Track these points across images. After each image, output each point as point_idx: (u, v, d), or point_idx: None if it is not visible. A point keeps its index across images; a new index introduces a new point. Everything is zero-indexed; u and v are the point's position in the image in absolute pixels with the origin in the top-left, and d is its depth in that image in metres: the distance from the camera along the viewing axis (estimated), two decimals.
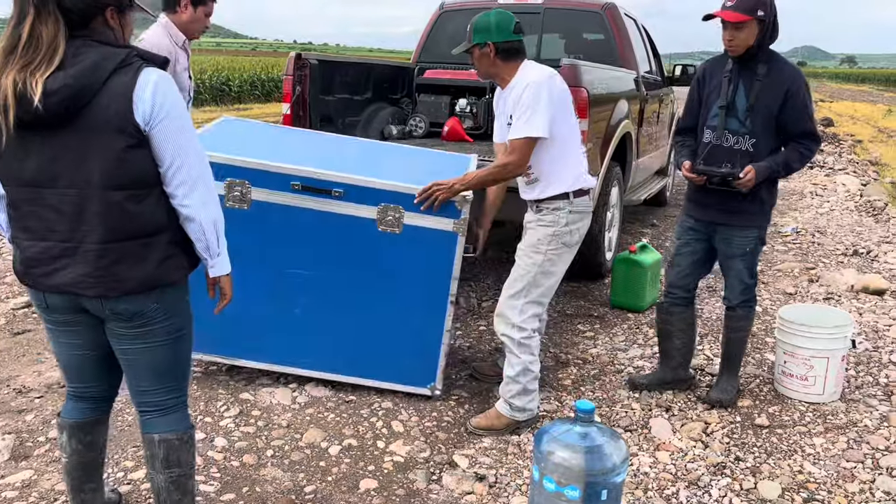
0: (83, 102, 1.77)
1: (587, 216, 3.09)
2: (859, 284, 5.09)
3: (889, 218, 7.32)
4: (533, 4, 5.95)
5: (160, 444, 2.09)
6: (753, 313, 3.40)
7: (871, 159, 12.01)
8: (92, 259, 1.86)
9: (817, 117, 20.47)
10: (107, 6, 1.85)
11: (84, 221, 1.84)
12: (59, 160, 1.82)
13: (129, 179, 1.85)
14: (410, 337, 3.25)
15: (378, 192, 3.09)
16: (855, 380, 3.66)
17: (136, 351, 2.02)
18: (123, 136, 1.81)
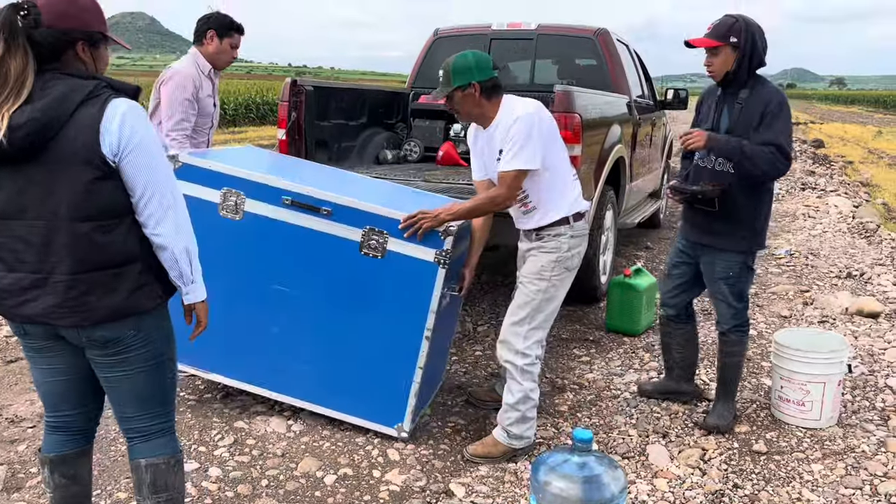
0: (50, 135, 1.78)
1: (586, 239, 3.12)
2: (854, 307, 5.10)
3: (881, 240, 7.36)
4: (526, 31, 6.01)
5: (147, 469, 2.08)
6: (747, 338, 3.41)
7: (862, 180, 12.10)
8: (62, 290, 1.86)
9: (808, 138, 20.66)
10: (77, 40, 1.87)
11: (53, 253, 1.85)
12: (26, 192, 1.82)
13: (97, 210, 1.85)
14: (380, 371, 3.15)
15: (365, 215, 3.06)
16: (851, 404, 3.66)
17: (117, 378, 2.02)
18: (90, 168, 1.81)
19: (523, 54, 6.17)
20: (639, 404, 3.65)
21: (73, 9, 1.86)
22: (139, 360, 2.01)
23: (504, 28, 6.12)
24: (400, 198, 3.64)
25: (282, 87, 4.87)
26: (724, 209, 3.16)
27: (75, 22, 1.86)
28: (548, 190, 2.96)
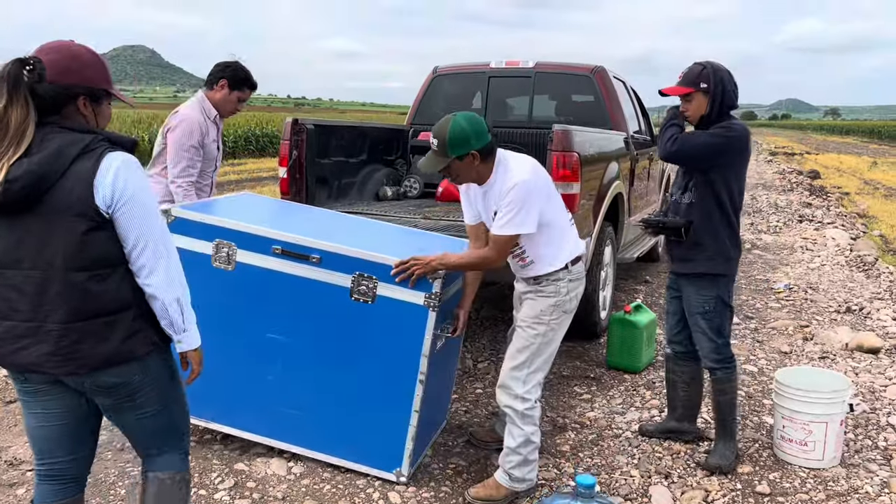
0: (45, 188, 1.83)
1: (583, 279, 3.13)
2: (854, 343, 5.10)
3: (880, 273, 7.38)
4: (524, 69, 6.09)
5: (153, 482, 2.17)
6: (735, 375, 3.41)
7: (858, 212, 12.16)
8: (54, 338, 1.89)
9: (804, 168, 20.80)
10: (79, 95, 1.92)
11: (46, 302, 1.88)
12: (22, 243, 1.87)
13: (91, 261, 1.89)
14: (376, 415, 3.14)
15: (353, 261, 3.07)
16: (854, 443, 3.65)
17: (129, 422, 2.07)
18: (85, 220, 1.86)
19: (521, 91, 6.24)
20: (641, 444, 3.63)
21: (76, 65, 1.91)
22: (149, 403, 2.06)
23: (502, 66, 6.20)
24: (389, 240, 3.66)
25: (282, 122, 4.93)
26: (691, 237, 3.30)
27: (77, 77, 1.91)
28: (545, 244, 2.96)
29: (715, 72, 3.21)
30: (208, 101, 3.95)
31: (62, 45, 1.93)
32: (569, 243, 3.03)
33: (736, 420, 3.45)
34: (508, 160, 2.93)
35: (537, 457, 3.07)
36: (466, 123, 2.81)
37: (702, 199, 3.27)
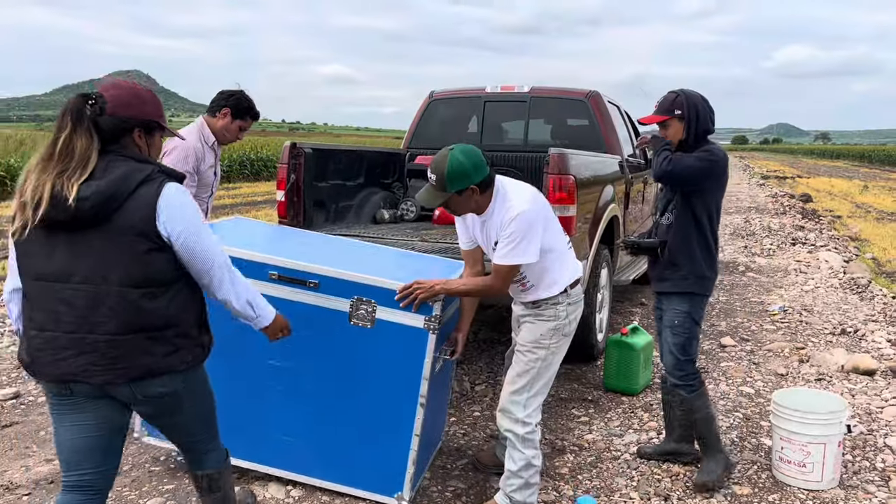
0: (113, 208, 2.01)
1: (581, 302, 3.15)
2: (849, 365, 5.12)
3: (873, 295, 7.42)
4: (520, 93, 6.16)
5: (203, 478, 2.49)
6: (701, 392, 3.44)
7: (850, 235, 12.25)
8: (101, 349, 2.03)
9: (796, 192, 20.96)
10: (135, 127, 2.14)
11: (97, 315, 2.02)
12: (78, 258, 2.02)
13: (147, 279, 2.06)
14: (377, 440, 3.13)
15: (352, 285, 3.06)
16: (852, 465, 3.65)
17: (173, 423, 2.31)
18: (146, 240, 2.05)
19: (517, 116, 6.31)
20: (639, 466, 3.63)
21: (135, 101, 2.14)
22: (189, 407, 2.28)
23: (498, 91, 6.27)
24: (387, 263, 3.66)
25: (280, 144, 4.97)
26: (667, 257, 3.40)
27: (135, 111, 2.13)
28: (546, 270, 2.96)
29: (688, 98, 3.33)
30: (208, 127, 3.97)
31: (123, 83, 2.18)
32: (567, 268, 3.04)
33: (715, 434, 3.47)
34: (507, 189, 2.91)
35: (538, 480, 3.06)
36: (465, 158, 2.78)
37: (680, 221, 3.37)
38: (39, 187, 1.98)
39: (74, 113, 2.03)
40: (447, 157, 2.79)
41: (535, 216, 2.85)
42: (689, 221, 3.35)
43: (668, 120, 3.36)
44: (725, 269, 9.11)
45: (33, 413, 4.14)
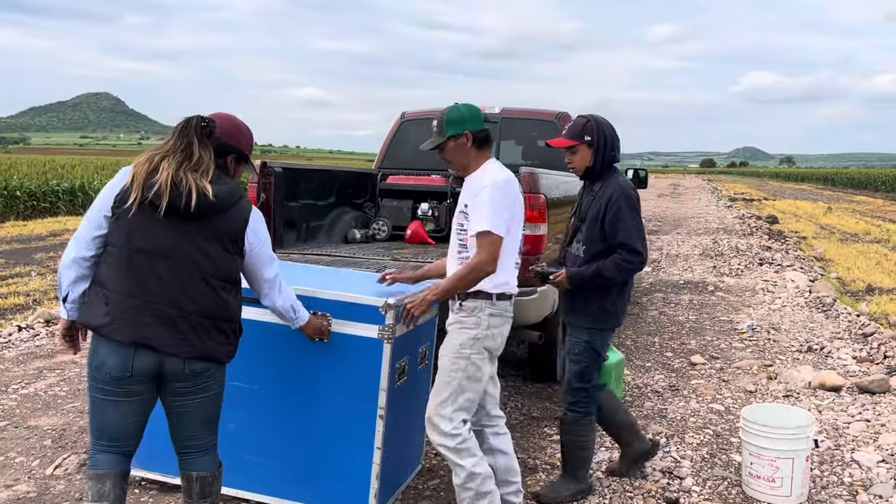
0: (218, 211, 2.43)
1: (509, 321, 3.00)
2: (816, 381, 5.19)
3: (839, 314, 7.55)
4: (491, 114, 6.20)
5: (197, 480, 2.58)
6: (585, 422, 3.39)
7: (815, 255, 12.48)
8: (179, 325, 2.38)
9: (762, 213, 21.35)
10: (230, 154, 2.60)
11: (183, 294, 2.39)
12: (179, 244, 2.39)
13: (227, 274, 2.49)
14: (339, 455, 3.09)
15: (306, 300, 3.02)
16: (820, 479, 3.68)
17: (195, 403, 2.52)
18: (234, 244, 2.49)
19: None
20: (611, 483, 3.62)
21: (236, 132, 2.62)
22: (214, 389, 2.56)
23: None
24: (343, 279, 3.64)
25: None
26: (576, 289, 3.31)
27: (234, 141, 2.60)
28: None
29: (598, 125, 3.31)
30: None
31: (230, 116, 2.64)
32: (505, 275, 2.92)
33: (580, 464, 3.42)
34: (494, 165, 2.96)
35: (492, 486, 2.93)
36: (464, 107, 2.96)
37: (591, 253, 3.29)
38: (161, 179, 2.34)
39: (199, 129, 2.44)
40: (449, 106, 2.98)
41: (509, 196, 2.86)
42: (598, 254, 3.27)
43: (578, 146, 3.31)
44: (695, 289, 9.22)
45: None
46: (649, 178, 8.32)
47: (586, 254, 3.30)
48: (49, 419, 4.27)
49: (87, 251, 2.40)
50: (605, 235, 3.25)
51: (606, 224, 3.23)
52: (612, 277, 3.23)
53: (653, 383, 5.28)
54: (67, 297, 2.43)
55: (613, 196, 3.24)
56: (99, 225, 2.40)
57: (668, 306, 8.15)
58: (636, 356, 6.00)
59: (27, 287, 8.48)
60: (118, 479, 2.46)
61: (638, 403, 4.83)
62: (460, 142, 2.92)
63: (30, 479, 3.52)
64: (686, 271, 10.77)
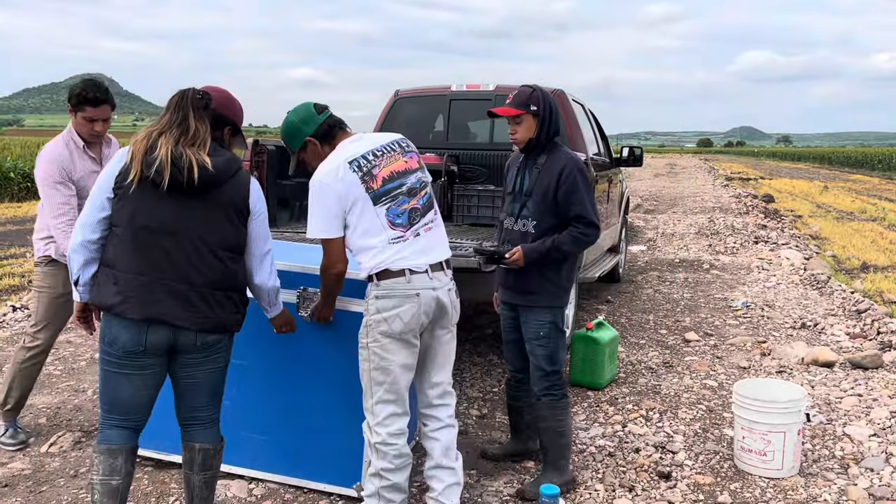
0: (218, 183, 2.46)
1: (407, 301, 2.68)
2: (809, 357, 5.22)
3: (833, 291, 7.57)
4: (485, 91, 6.16)
5: (199, 452, 2.64)
6: (561, 406, 3.27)
7: (811, 233, 12.50)
8: (191, 298, 2.43)
9: (759, 192, 21.34)
10: (227, 125, 2.65)
11: (192, 267, 2.43)
12: (181, 219, 2.42)
13: (233, 244, 2.53)
14: (332, 431, 3.10)
15: (296, 276, 3.04)
16: (812, 453, 3.71)
17: (204, 374, 2.58)
18: (239, 215, 2.53)
19: (482, 114, 6.30)
20: (604, 458, 3.65)
21: (230, 104, 2.67)
22: (222, 360, 2.62)
23: (463, 89, 6.27)
24: None
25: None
26: (529, 267, 3.18)
27: (230, 112, 2.65)
28: (354, 251, 2.76)
29: (545, 95, 3.20)
30: (74, 130, 3.58)
31: (222, 89, 2.67)
32: (376, 255, 2.69)
33: (560, 450, 3.30)
34: (330, 157, 2.73)
35: (398, 498, 2.76)
36: (292, 115, 2.81)
37: (543, 229, 3.18)
38: (180, 154, 2.37)
39: (194, 101, 2.46)
40: (283, 121, 2.85)
41: (323, 192, 2.65)
42: (551, 229, 3.16)
43: (522, 115, 3.18)
44: (690, 267, 9.24)
45: None
46: (644, 157, 8.30)
47: (537, 229, 3.18)
48: (44, 398, 4.28)
49: (93, 234, 2.43)
50: (557, 209, 3.15)
51: (560, 197, 3.13)
52: (568, 251, 3.17)
53: (647, 360, 5.30)
54: (79, 281, 2.49)
55: (566, 169, 3.14)
56: (102, 207, 2.44)
57: (663, 284, 8.17)
58: (630, 333, 6.02)
59: (21, 268, 8.45)
60: (129, 454, 2.52)
61: (632, 380, 4.85)
62: (310, 149, 2.79)
63: (25, 457, 3.53)
64: (681, 250, 10.78)
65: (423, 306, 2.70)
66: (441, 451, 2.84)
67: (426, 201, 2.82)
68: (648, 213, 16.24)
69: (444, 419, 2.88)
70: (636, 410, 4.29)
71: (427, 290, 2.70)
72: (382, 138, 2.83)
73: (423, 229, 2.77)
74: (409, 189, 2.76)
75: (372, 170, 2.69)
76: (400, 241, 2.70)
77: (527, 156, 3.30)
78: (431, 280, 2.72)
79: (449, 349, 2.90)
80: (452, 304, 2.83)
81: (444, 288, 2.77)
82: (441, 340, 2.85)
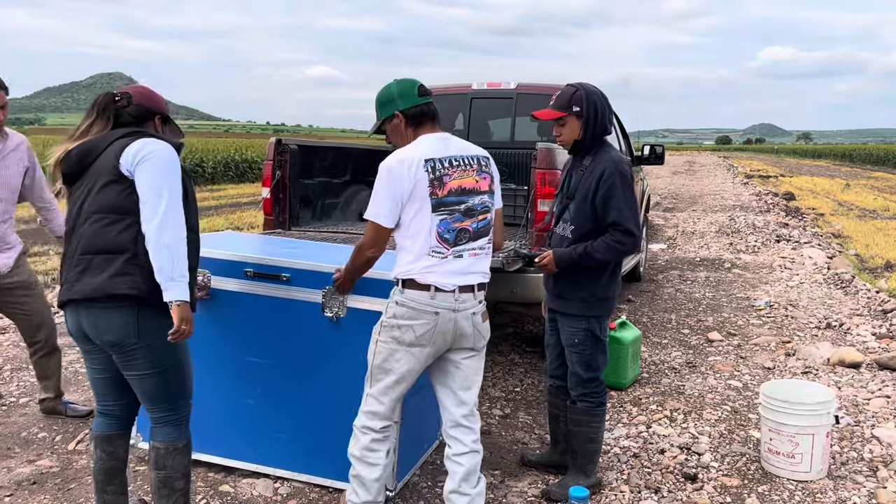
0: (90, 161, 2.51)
1: (425, 316, 2.61)
2: (835, 358, 5.15)
3: (857, 290, 7.48)
4: (506, 90, 6.15)
5: (152, 449, 2.66)
6: (597, 412, 3.24)
7: (833, 232, 12.35)
8: (73, 266, 2.46)
9: (779, 191, 21.13)
10: (155, 115, 2.68)
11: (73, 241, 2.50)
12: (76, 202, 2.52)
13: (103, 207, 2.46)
14: None
15: (322, 276, 3.06)
16: (840, 455, 3.67)
17: (130, 378, 2.56)
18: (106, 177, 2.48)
19: (504, 112, 6.29)
20: (629, 460, 3.62)
21: (150, 95, 2.70)
22: (144, 367, 2.51)
23: (484, 87, 6.25)
24: None
25: (264, 145, 4.92)
26: (563, 273, 3.13)
27: (151, 103, 2.68)
28: (399, 248, 2.72)
29: (588, 95, 3.08)
30: None
31: (141, 86, 2.73)
32: (409, 258, 2.64)
33: (589, 456, 3.25)
34: (412, 145, 2.69)
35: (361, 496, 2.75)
36: (395, 85, 2.75)
37: (580, 234, 3.10)
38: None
39: (101, 106, 2.58)
40: (385, 85, 2.79)
41: (393, 179, 2.58)
42: (590, 234, 3.07)
43: (566, 117, 3.08)
44: (711, 266, 9.16)
45: (14, 415, 4.07)
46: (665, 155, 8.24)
47: (575, 234, 3.10)
48: (70, 395, 4.32)
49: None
50: (595, 214, 3.05)
51: (598, 202, 3.02)
52: (602, 259, 3.04)
53: (670, 360, 5.26)
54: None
55: (606, 172, 3.02)
56: None
57: (685, 283, 8.11)
58: (653, 333, 5.98)
59: (45, 266, 8.53)
60: (99, 441, 2.68)
61: (655, 380, 4.82)
62: (394, 123, 2.73)
63: (52, 455, 3.57)
64: (702, 248, 10.70)
65: (440, 325, 2.62)
66: (462, 475, 2.72)
67: (481, 227, 2.72)
68: (668, 211, 16.14)
69: (468, 444, 2.76)
70: (660, 411, 4.26)
71: (447, 311, 2.62)
72: (466, 149, 2.76)
73: (469, 254, 2.68)
74: (469, 209, 2.68)
75: (443, 177, 2.62)
76: (438, 255, 2.63)
77: (574, 157, 3.23)
78: (456, 301, 2.64)
79: (470, 371, 2.77)
80: (476, 326, 2.71)
81: (467, 311, 2.67)
82: (461, 363, 2.75)
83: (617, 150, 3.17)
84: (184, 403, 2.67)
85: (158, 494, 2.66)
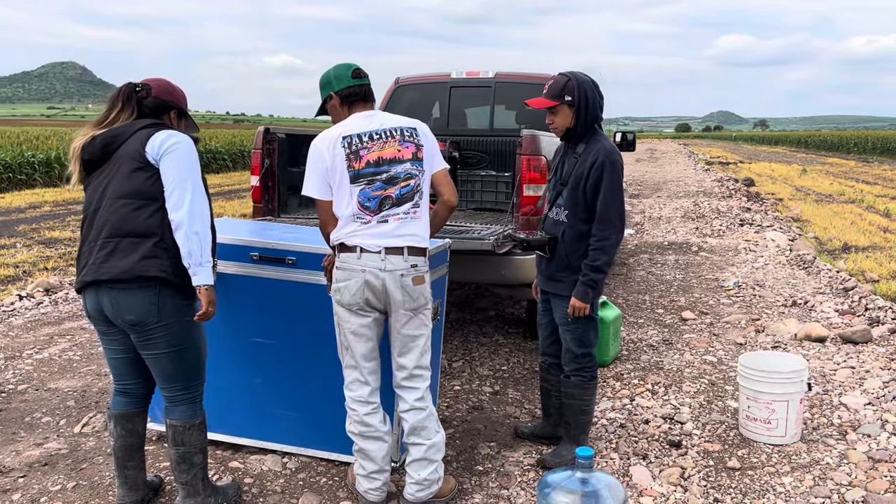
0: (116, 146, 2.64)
1: (354, 275, 2.79)
2: (802, 333, 5.44)
3: (819, 270, 7.82)
4: (485, 79, 6.30)
5: (169, 427, 2.76)
6: (589, 385, 3.37)
7: (793, 216, 12.78)
8: (98, 248, 2.54)
9: (739, 176, 21.66)
10: (171, 109, 2.78)
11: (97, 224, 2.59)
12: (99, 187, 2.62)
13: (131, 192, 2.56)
14: None
15: (319, 257, 3.15)
16: (811, 421, 3.92)
17: (147, 357, 2.67)
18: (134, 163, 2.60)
19: (482, 101, 6.44)
20: (616, 430, 3.82)
21: (170, 89, 2.79)
22: (162, 346, 2.62)
23: (463, 76, 6.39)
24: None
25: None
26: (558, 256, 3.28)
27: (170, 97, 2.78)
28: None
29: (579, 84, 3.18)
30: None
31: (162, 79, 2.80)
32: (341, 226, 2.84)
33: (581, 426, 3.41)
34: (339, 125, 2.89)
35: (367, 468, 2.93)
36: (333, 69, 2.94)
37: (573, 218, 3.22)
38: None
39: (124, 95, 2.68)
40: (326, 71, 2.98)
41: (314, 155, 2.83)
42: (582, 220, 3.20)
43: (558, 106, 3.19)
44: (679, 250, 9.46)
45: (15, 401, 4.12)
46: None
47: (569, 219, 3.23)
48: (68, 382, 4.37)
49: None
50: (586, 200, 3.19)
51: (588, 189, 3.16)
52: (604, 262, 3.16)
53: (647, 338, 5.49)
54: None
55: (598, 161, 3.14)
56: None
57: (655, 266, 8.38)
58: (629, 313, 6.20)
59: (14, 259, 8.47)
60: (118, 419, 2.79)
61: (635, 357, 5.04)
62: (331, 104, 2.93)
63: (59, 437, 3.64)
64: (669, 233, 11.01)
65: (367, 284, 2.78)
66: (408, 429, 2.94)
67: (405, 193, 2.84)
68: (633, 197, 16.48)
69: (409, 402, 2.93)
70: (642, 385, 4.48)
71: (374, 270, 2.77)
72: (389, 122, 2.90)
73: (393, 218, 2.82)
74: (391, 178, 2.82)
75: (360, 151, 2.81)
76: (360, 221, 2.80)
77: (567, 144, 3.36)
78: (383, 262, 2.78)
79: (407, 339, 2.90)
80: (405, 288, 2.81)
81: (395, 272, 2.79)
82: (399, 330, 2.88)
83: (609, 139, 3.31)
84: (198, 383, 2.80)
85: (179, 469, 2.76)
